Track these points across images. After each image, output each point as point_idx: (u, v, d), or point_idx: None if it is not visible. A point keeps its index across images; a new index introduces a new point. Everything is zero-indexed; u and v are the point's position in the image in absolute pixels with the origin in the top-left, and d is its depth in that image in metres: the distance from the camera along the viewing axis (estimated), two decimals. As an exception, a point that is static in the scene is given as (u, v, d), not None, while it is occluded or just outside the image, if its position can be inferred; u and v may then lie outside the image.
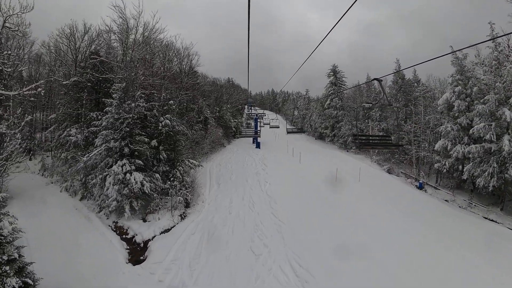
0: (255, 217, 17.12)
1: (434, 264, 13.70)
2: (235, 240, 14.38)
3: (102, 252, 14.20)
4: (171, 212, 17.49)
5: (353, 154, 43.99)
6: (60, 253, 14.56)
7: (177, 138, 21.14)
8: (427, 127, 33.60)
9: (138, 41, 26.49)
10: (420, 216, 19.57)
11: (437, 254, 14.53)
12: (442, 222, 19.55)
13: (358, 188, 24.22)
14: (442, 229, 18.05)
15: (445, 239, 16.56)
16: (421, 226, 17.86)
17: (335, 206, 19.59)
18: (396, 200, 22.40)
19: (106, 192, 18.63)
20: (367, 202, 20.80)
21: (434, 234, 17.03)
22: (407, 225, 17.70)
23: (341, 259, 13.18)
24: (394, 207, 20.55)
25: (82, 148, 23.68)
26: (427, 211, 21.20)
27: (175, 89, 31.89)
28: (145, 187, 17.48)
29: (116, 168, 17.87)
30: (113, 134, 18.73)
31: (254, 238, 14.67)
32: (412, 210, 21.13)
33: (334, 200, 20.67)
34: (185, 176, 20.26)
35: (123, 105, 18.72)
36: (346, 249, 13.97)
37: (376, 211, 19.48)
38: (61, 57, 33.76)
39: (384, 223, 17.45)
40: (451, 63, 29.11)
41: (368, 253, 13.71)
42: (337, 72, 54.47)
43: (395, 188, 26.55)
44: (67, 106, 27.40)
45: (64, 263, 13.75)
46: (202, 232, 14.98)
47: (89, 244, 14.99)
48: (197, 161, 28.92)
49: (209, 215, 17.31)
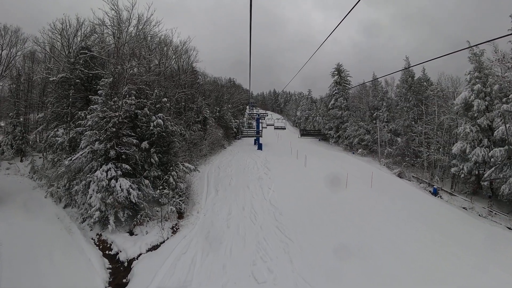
0: (257, 232, 14.75)
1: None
2: (233, 262, 12.03)
3: (77, 274, 12.10)
4: (161, 224, 15.31)
5: (359, 156, 41.86)
6: (30, 270, 12.64)
7: (171, 139, 19.03)
8: (440, 128, 31.37)
9: (131, 34, 24.57)
10: (447, 231, 17.19)
11: (470, 274, 12.35)
12: (468, 234, 17.33)
13: (371, 195, 21.90)
14: (468, 243, 15.83)
15: (474, 255, 14.38)
16: (450, 243, 15.54)
17: (349, 218, 17.23)
18: (415, 211, 19.97)
19: (89, 201, 16.59)
20: (385, 215, 18.36)
21: (464, 250, 14.83)
22: (434, 242, 15.31)
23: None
24: (417, 220, 18.12)
25: (67, 150, 21.69)
26: (449, 222, 18.96)
27: (172, 87, 29.88)
28: (131, 195, 15.35)
29: (99, 173, 15.77)
30: (98, 135, 16.64)
31: (256, 260, 12.32)
32: (431, 221, 18.88)
33: (348, 211, 18.23)
34: (179, 182, 18.10)
35: (108, 102, 16.64)
36: (373, 278, 11.56)
37: (396, 224, 17.04)
38: (54, 54, 31.96)
39: (414, 243, 14.82)
40: (469, 60, 27.01)
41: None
42: (342, 71, 52.59)
43: (411, 196, 24.28)
44: (56, 104, 25.61)
45: (31, 283, 11.77)
46: (195, 252, 12.68)
47: (63, 263, 12.91)
48: (194, 164, 26.85)
49: (204, 229, 14.99)
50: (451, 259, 13.92)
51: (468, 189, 27.66)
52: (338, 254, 13.11)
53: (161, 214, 15.61)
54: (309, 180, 23.84)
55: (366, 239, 14.89)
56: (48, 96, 29.06)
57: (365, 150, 42.97)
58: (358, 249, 13.58)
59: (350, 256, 12.87)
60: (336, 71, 52.46)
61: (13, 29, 33.69)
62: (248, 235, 14.15)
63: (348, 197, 20.65)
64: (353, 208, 18.63)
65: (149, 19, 25.26)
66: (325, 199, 19.76)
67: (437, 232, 16.61)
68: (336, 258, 12.85)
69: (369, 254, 13.24)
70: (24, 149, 31.02)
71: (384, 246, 14.26)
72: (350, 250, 13.38)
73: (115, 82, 17.29)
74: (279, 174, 24.97)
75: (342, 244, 13.98)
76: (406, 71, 38.81)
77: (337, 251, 13.29)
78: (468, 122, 26.07)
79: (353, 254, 13.08)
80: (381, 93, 46.18)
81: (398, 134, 40.45)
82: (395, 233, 15.89)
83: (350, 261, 12.63)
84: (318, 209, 18.19)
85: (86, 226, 16.73)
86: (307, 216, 16.85)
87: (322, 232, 15.27)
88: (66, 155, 20.86)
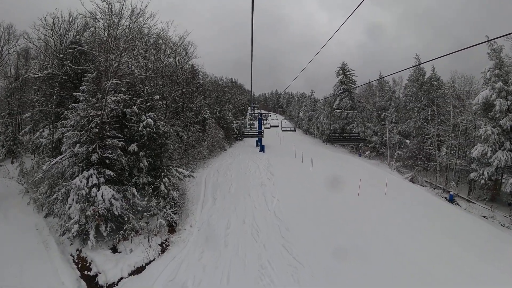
0: (260, 252, 12.36)
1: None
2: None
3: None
4: (148, 241, 13.22)
5: (366, 159, 39.75)
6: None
7: (163, 141, 16.99)
8: (455, 130, 29.19)
9: (123, 26, 22.64)
10: (479, 248, 14.99)
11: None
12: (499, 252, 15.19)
13: (388, 204, 19.68)
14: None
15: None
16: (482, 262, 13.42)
17: (367, 235, 14.87)
18: (442, 225, 17.68)
19: (68, 211, 14.60)
20: (408, 229, 16.13)
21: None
22: (473, 269, 13.07)
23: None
24: (443, 234, 16.03)
25: (49, 153, 19.77)
26: (479, 237, 16.81)
27: (169, 84, 27.88)
28: (114, 206, 13.31)
29: (78, 181, 13.76)
30: (79, 137, 14.65)
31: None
32: (455, 233, 16.78)
33: (368, 231, 15.42)
34: (172, 190, 16.04)
35: (91, 99, 14.65)
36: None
37: (420, 240, 14.97)
38: (47, 51, 30.17)
39: (444, 265, 12.75)
40: (488, 56, 24.99)
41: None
42: (347, 70, 50.55)
43: (430, 205, 22.10)
44: (43, 103, 23.86)
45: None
46: (184, 279, 10.46)
47: (33, 286, 10.97)
48: (191, 168, 24.84)
49: (197, 248, 12.64)
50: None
51: (486, 196, 25.64)
52: (358, 282, 10.89)
53: (147, 229, 13.50)
54: (317, 186, 21.56)
55: (395, 265, 12.35)
56: (36, 94, 27.36)
57: (372, 153, 40.86)
58: (384, 276, 11.28)
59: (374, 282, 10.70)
60: (341, 70, 50.52)
61: (5, 25, 32.02)
62: (249, 257, 11.77)
63: (363, 207, 18.39)
64: (372, 224, 16.25)
65: (143, 10, 23.34)
66: (336, 210, 17.42)
67: (472, 253, 14.31)
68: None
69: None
70: (15, 150, 29.27)
71: (421, 279, 11.68)
72: (374, 278, 11.16)
73: (99, 77, 15.29)
74: (284, 180, 22.67)
75: (363, 273, 11.49)
76: (416, 69, 36.67)
77: (357, 279, 11.05)
78: (489, 123, 23.99)
79: (378, 280, 10.88)
80: (389, 93, 44.04)
81: (407, 135, 38.37)
82: (423, 256, 13.48)
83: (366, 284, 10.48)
84: (330, 222, 15.84)
85: (66, 239, 14.71)
86: (318, 232, 14.43)
87: (339, 254, 12.71)
88: (48, 158, 18.91)
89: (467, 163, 26.45)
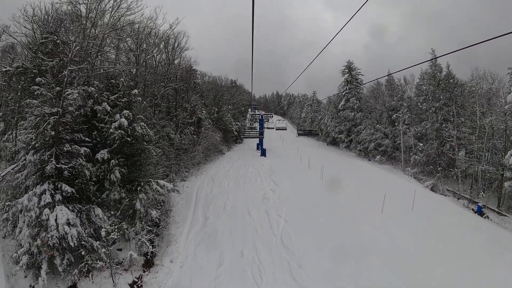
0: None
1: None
2: None
3: None
4: (112, 280, 9.90)
5: (377, 164, 36.40)
6: None
7: (142, 146, 13.70)
8: (481, 132, 25.86)
9: (103, 11, 19.58)
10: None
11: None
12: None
13: (422, 227, 15.80)
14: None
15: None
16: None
17: (408, 274, 11.24)
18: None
19: (18, 237, 11.39)
20: (445, 259, 12.62)
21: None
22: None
23: None
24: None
25: (11, 160, 16.55)
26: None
27: (158, 80, 24.65)
28: (69, 235, 10.01)
29: (26, 200, 10.50)
30: (32, 141, 11.41)
31: None
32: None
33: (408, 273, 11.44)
34: (151, 209, 12.73)
35: (47, 94, 11.40)
36: None
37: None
38: (28, 45, 27.08)
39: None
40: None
41: None
42: (353, 69, 47.58)
43: (464, 223, 18.58)
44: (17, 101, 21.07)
45: None
46: None
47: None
48: (182, 176, 21.54)
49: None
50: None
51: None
52: None
53: (111, 263, 10.14)
54: (332, 202, 17.80)
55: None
56: (7, 91, 24.23)
57: (383, 157, 37.50)
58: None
59: None
60: (347, 69, 47.60)
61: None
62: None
63: (389, 229, 14.76)
64: (401, 252, 12.76)
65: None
66: (359, 235, 13.67)
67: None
68: None
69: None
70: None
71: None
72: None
73: (60, 66, 12.07)
74: (291, 192, 18.90)
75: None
76: (432, 65, 33.47)
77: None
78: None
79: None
80: (400, 92, 40.71)
81: (419, 138, 35.09)
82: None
83: None
84: (354, 252, 12.04)
85: (19, 270, 11.47)
86: (343, 270, 10.74)
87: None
88: (5, 167, 15.67)
89: (499, 170, 23.15)
